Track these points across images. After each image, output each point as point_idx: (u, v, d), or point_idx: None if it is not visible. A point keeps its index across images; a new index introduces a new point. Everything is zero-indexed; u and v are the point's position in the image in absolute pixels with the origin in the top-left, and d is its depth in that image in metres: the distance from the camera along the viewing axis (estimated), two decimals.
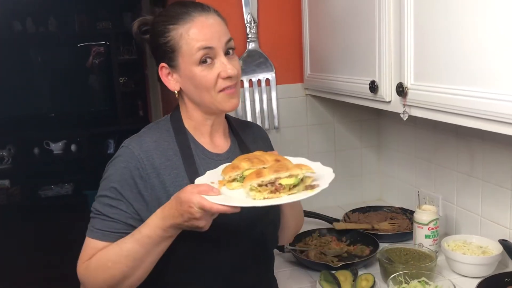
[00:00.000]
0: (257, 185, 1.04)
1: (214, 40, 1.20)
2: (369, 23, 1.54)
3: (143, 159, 1.20)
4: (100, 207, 1.20)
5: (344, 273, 1.53)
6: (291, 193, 1.05)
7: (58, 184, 5.99)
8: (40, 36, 5.88)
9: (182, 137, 1.27)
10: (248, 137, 1.41)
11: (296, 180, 1.05)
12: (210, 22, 1.22)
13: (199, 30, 1.20)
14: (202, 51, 1.19)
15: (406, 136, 2.12)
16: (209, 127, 1.30)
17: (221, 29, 1.23)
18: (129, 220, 1.18)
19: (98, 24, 6.02)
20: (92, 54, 6.37)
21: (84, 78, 6.38)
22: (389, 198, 2.31)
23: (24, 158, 5.79)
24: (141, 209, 1.19)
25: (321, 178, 1.10)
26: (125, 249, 1.13)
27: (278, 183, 1.04)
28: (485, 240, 1.60)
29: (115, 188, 1.18)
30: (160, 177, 1.20)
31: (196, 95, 1.24)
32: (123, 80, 6.19)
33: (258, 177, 1.04)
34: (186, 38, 1.20)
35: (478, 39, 1.12)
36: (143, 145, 1.22)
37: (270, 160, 1.12)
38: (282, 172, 1.05)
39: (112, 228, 1.18)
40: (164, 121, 1.32)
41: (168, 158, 1.23)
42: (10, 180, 5.77)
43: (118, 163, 1.21)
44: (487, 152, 1.66)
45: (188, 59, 1.20)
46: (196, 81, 1.21)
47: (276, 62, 2.13)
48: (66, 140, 6.01)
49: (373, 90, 1.54)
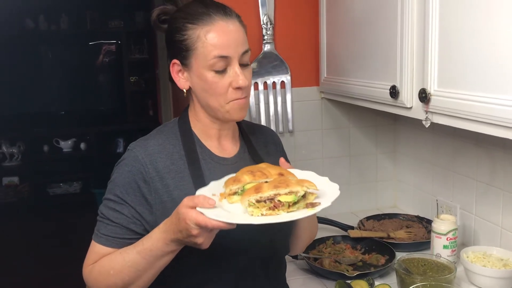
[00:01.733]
0: (255, 200, 1.01)
1: (231, 49, 1.17)
2: (391, 26, 1.50)
3: (147, 163, 1.19)
4: (105, 210, 1.21)
5: (360, 283, 1.49)
6: (290, 210, 1.01)
7: (67, 182, 6.00)
8: (52, 33, 5.90)
9: (189, 141, 1.26)
10: (259, 141, 1.39)
11: (295, 197, 1.01)
12: (230, 28, 1.19)
13: (217, 36, 1.17)
14: (216, 59, 1.17)
15: (423, 143, 2.07)
16: (216, 130, 1.28)
17: (240, 38, 1.20)
18: (131, 225, 1.19)
19: (110, 22, 6.02)
20: (102, 53, 6.38)
21: (94, 77, 6.40)
22: (404, 205, 2.26)
23: (34, 156, 5.81)
24: (145, 212, 1.19)
25: (325, 195, 1.06)
26: (127, 260, 1.14)
27: (277, 200, 1.01)
28: (507, 252, 1.56)
29: (119, 192, 1.19)
30: (163, 181, 1.19)
31: (204, 98, 1.22)
32: (134, 79, 6.19)
33: (256, 192, 1.01)
34: (204, 41, 1.17)
35: (505, 45, 1.08)
36: (148, 148, 1.22)
37: (273, 174, 1.08)
38: (282, 188, 1.01)
39: (115, 234, 1.19)
40: (172, 123, 1.31)
41: (173, 162, 1.22)
42: (19, 177, 5.79)
43: (122, 166, 1.21)
44: (508, 161, 1.61)
45: (202, 62, 1.18)
46: (207, 85, 1.19)
47: (292, 65, 2.10)
48: (76, 138, 6.02)
49: (394, 96, 1.50)
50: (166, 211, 1.17)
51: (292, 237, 1.38)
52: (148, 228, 1.19)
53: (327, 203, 1.01)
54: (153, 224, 1.19)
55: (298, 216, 1.01)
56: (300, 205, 1.02)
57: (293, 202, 1.01)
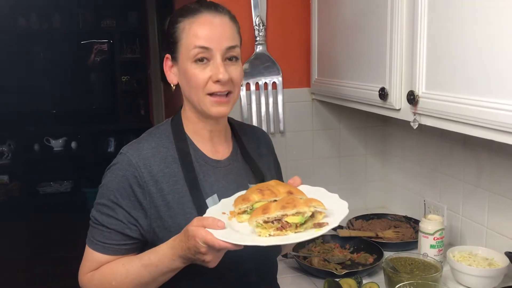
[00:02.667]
0: (262, 221, 1.01)
1: (213, 42, 1.16)
2: (381, 29, 1.52)
3: (141, 167, 1.18)
4: (99, 216, 1.19)
5: (348, 281, 1.51)
6: (298, 230, 1.02)
7: (57, 181, 5.98)
8: (44, 32, 5.87)
9: (182, 143, 1.25)
10: (251, 142, 1.39)
11: (302, 219, 1.02)
12: (216, 21, 1.18)
13: (200, 27, 1.17)
14: (197, 49, 1.16)
15: (411, 144, 2.10)
16: (207, 131, 1.27)
17: (226, 32, 1.19)
18: (126, 230, 1.18)
19: (102, 22, 6.01)
20: (94, 52, 6.36)
21: (86, 76, 6.38)
22: (392, 206, 2.29)
23: (24, 154, 5.78)
24: (140, 217, 1.18)
25: (333, 214, 1.06)
26: (131, 272, 1.14)
27: (285, 221, 1.01)
28: (491, 252, 1.59)
29: (113, 197, 1.18)
30: (158, 185, 1.18)
31: (187, 91, 1.22)
32: (126, 79, 6.18)
33: (263, 213, 1.01)
34: (187, 31, 1.18)
35: (491, 50, 1.11)
36: (141, 152, 1.20)
37: (282, 192, 1.08)
38: (289, 209, 1.01)
39: (111, 240, 1.18)
40: (165, 125, 1.30)
41: (167, 165, 1.21)
42: (9, 176, 5.76)
43: (116, 170, 1.20)
44: (494, 162, 1.64)
45: (185, 54, 1.19)
46: (187, 77, 1.19)
47: (284, 66, 2.12)
48: (67, 137, 6.00)
49: (383, 97, 1.53)
50: (160, 215, 1.18)
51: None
52: (143, 232, 1.19)
53: (334, 223, 1.02)
54: (147, 229, 1.19)
55: (305, 238, 1.01)
56: (308, 225, 1.03)
57: (300, 223, 1.02)
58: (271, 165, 1.42)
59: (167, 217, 1.18)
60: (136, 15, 5.98)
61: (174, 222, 1.17)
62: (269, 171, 1.38)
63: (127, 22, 6.06)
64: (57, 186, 5.96)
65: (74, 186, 5.98)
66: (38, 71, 6.08)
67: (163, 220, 1.18)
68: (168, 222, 1.18)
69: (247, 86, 2.09)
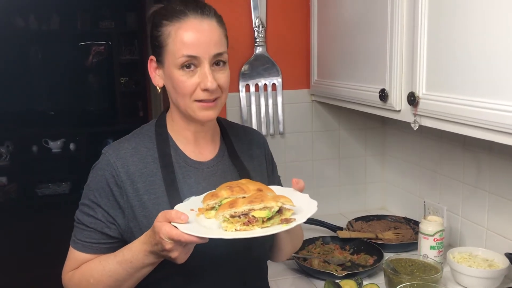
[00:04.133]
0: (229, 216, 1.01)
1: (200, 50, 1.14)
2: (381, 30, 1.52)
3: (118, 166, 1.19)
4: (80, 215, 1.21)
5: (348, 283, 1.51)
6: (264, 226, 1.01)
7: (56, 183, 5.95)
8: (42, 33, 5.85)
9: (163, 144, 1.24)
10: (242, 143, 1.36)
11: (269, 213, 1.01)
12: (204, 28, 1.15)
13: (187, 34, 1.14)
14: (184, 58, 1.14)
15: (411, 145, 2.10)
16: (191, 133, 1.26)
17: (213, 39, 1.16)
18: (105, 229, 1.19)
19: (101, 23, 6.00)
20: (93, 53, 6.35)
21: (84, 77, 6.36)
22: (392, 207, 2.29)
23: (22, 156, 5.75)
24: (118, 216, 1.19)
25: (302, 211, 1.05)
26: (107, 269, 1.14)
27: (251, 215, 1.01)
28: (491, 253, 1.59)
29: (93, 196, 1.19)
30: (134, 185, 1.18)
31: (173, 96, 1.21)
32: (124, 80, 6.17)
33: (230, 207, 1.01)
34: (174, 38, 1.15)
35: (492, 50, 1.11)
36: (119, 152, 1.21)
37: (252, 189, 1.08)
38: (256, 203, 1.00)
39: (91, 239, 1.19)
40: (149, 125, 1.29)
41: (145, 165, 1.21)
42: (7, 177, 5.73)
43: (96, 170, 1.21)
44: (494, 163, 1.64)
45: (171, 60, 1.16)
46: (174, 83, 1.17)
47: (283, 67, 2.12)
48: (65, 139, 5.98)
49: (383, 99, 1.53)
50: (135, 215, 1.18)
51: (273, 248, 1.37)
52: (122, 232, 1.19)
53: (302, 219, 1.01)
54: (125, 228, 1.19)
55: (272, 232, 1.00)
56: (275, 221, 1.02)
57: (267, 218, 1.01)
58: (263, 168, 1.39)
59: (142, 217, 1.18)
60: (134, 16, 5.97)
61: (149, 222, 1.15)
62: (260, 173, 1.36)
63: (125, 23, 6.05)
64: (55, 188, 5.94)
65: (72, 188, 5.96)
66: (37, 72, 6.06)
67: (138, 220, 1.18)
68: (144, 223, 1.18)
69: (247, 88, 2.09)
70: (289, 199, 1.04)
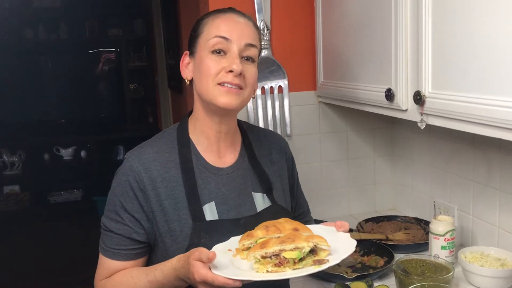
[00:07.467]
0: (260, 256, 1.00)
1: (234, 34, 1.19)
2: (386, 29, 1.52)
3: (141, 171, 1.20)
4: (107, 222, 1.22)
5: (359, 285, 1.50)
6: (296, 267, 1.00)
7: (68, 190, 6.00)
8: (51, 43, 5.92)
9: (185, 149, 1.25)
10: (262, 148, 1.37)
11: (299, 254, 1.00)
12: (239, 20, 1.22)
13: (223, 21, 1.21)
14: (216, 39, 1.18)
15: (420, 145, 2.09)
16: (213, 132, 1.26)
17: (247, 31, 1.22)
18: (133, 234, 1.20)
19: (109, 31, 6.05)
20: (102, 61, 6.40)
21: (94, 85, 6.42)
22: (402, 207, 2.27)
23: (34, 164, 5.82)
24: (144, 219, 1.20)
25: (338, 251, 1.03)
26: (138, 286, 1.16)
27: (282, 256, 0.99)
28: (503, 252, 1.57)
29: (118, 202, 1.20)
30: (156, 190, 1.20)
31: (199, 83, 1.22)
32: (133, 87, 6.21)
33: (261, 248, 1.00)
34: (210, 24, 1.21)
35: (498, 47, 1.10)
36: (142, 157, 1.22)
37: (288, 229, 1.07)
38: (287, 244, 0.99)
39: (120, 245, 1.20)
40: (171, 129, 1.30)
41: (166, 170, 1.22)
42: (20, 186, 5.79)
43: (120, 176, 1.23)
44: (504, 161, 1.62)
45: (203, 45, 1.21)
46: (201, 68, 1.20)
47: (289, 69, 2.12)
48: (76, 146, 6.03)
49: (389, 98, 1.52)
50: (156, 220, 1.19)
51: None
52: (148, 236, 1.21)
53: (336, 260, 1.00)
54: (149, 231, 1.20)
55: (302, 273, 0.99)
56: (308, 262, 1.01)
57: (299, 259, 1.00)
58: (283, 172, 1.39)
59: (163, 222, 1.19)
60: (142, 23, 6.02)
61: (169, 227, 1.18)
62: (279, 179, 1.36)
63: (133, 30, 6.10)
64: (68, 195, 5.99)
65: (84, 195, 6.01)
66: (47, 81, 6.13)
67: (159, 225, 1.19)
68: (164, 227, 1.19)
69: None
70: (323, 239, 1.02)
